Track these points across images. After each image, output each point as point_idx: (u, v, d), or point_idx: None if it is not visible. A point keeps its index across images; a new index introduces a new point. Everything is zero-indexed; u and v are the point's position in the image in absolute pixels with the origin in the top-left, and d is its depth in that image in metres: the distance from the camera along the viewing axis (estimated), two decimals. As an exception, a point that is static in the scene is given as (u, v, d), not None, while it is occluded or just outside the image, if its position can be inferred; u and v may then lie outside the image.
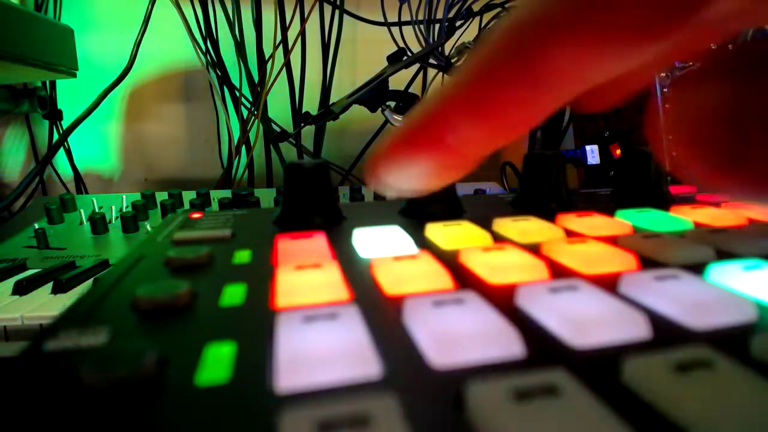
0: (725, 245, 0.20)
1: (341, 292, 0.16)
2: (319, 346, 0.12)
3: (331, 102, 0.79)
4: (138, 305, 0.15)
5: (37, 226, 0.56)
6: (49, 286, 0.41)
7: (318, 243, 0.22)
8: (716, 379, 0.10)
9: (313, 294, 0.16)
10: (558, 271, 0.18)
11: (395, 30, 0.75)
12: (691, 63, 0.57)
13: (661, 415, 0.10)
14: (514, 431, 0.09)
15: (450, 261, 0.20)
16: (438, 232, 0.23)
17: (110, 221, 0.58)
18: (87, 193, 0.84)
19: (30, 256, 0.50)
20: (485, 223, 0.25)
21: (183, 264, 0.20)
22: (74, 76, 0.60)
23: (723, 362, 0.11)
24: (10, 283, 0.41)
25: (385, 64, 0.68)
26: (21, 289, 0.40)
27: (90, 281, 0.43)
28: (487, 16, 0.73)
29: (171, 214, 0.58)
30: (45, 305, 0.37)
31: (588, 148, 0.61)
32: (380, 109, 0.67)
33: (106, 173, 0.89)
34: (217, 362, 0.12)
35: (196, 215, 0.30)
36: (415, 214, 0.29)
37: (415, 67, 0.82)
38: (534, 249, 0.21)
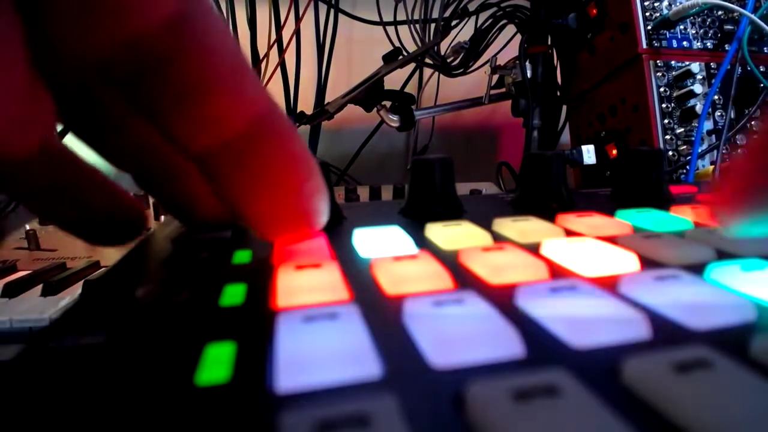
0: (725, 245, 0.20)
1: (341, 292, 0.16)
2: (319, 346, 0.12)
3: (326, 101, 0.79)
4: (138, 305, 0.15)
5: (28, 227, 0.55)
6: (39, 288, 0.40)
7: (318, 243, 0.22)
8: (716, 379, 0.10)
9: (313, 294, 0.16)
10: (558, 271, 0.18)
11: (391, 29, 0.75)
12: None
13: (661, 415, 0.10)
14: (514, 431, 0.09)
15: (450, 261, 0.20)
16: (438, 232, 0.23)
17: (104, 221, 0.57)
18: (81, 192, 0.83)
19: (21, 258, 0.49)
20: (485, 223, 0.25)
21: (183, 264, 0.20)
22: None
23: (723, 362, 0.11)
24: (0, 285, 0.40)
25: (381, 63, 0.68)
26: (10, 291, 0.39)
27: (80, 283, 0.42)
28: (482, 16, 0.73)
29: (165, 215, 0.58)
30: (34, 308, 0.36)
31: (584, 148, 0.61)
32: (376, 108, 0.67)
33: (100, 173, 0.88)
34: (217, 362, 0.12)
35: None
36: (415, 214, 0.29)
37: (411, 66, 0.82)
38: (534, 249, 0.21)
